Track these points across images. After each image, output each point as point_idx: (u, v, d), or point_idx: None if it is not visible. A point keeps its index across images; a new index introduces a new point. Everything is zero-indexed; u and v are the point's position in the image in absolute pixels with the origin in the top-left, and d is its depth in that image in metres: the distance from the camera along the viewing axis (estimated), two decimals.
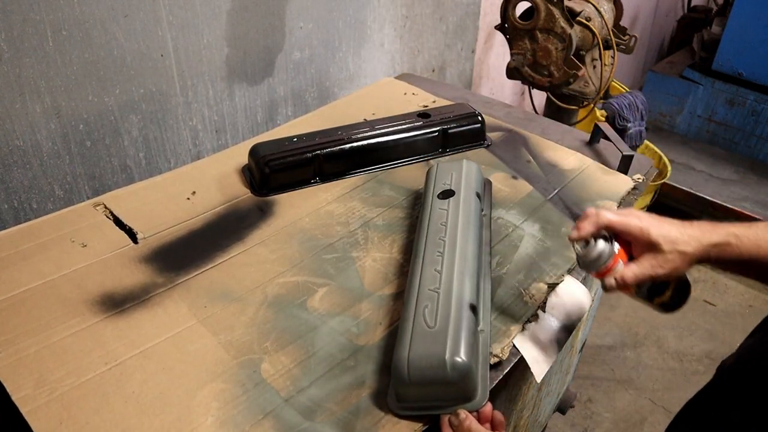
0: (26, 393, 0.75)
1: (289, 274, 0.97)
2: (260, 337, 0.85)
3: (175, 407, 0.75)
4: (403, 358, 0.74)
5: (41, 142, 1.14)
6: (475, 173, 1.09)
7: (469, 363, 0.73)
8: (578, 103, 1.94)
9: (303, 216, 1.10)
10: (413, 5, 1.87)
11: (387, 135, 1.23)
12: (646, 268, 0.80)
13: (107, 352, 0.81)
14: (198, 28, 1.30)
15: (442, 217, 0.97)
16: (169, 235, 1.03)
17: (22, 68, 1.06)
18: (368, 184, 1.20)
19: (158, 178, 1.18)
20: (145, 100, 1.27)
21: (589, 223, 0.83)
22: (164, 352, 0.82)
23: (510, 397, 1.07)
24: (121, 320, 0.86)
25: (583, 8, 1.74)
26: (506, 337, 0.87)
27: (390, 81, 1.61)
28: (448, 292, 0.81)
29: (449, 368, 0.72)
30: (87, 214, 1.06)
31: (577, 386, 2.08)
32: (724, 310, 2.46)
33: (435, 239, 0.92)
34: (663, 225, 0.81)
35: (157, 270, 0.96)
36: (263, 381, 0.79)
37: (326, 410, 0.76)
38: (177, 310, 0.89)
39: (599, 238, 0.83)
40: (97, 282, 0.92)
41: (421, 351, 0.74)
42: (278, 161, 1.14)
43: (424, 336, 0.75)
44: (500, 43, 2.37)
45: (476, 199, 1.03)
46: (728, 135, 3.12)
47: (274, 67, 1.52)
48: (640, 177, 1.26)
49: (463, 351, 0.73)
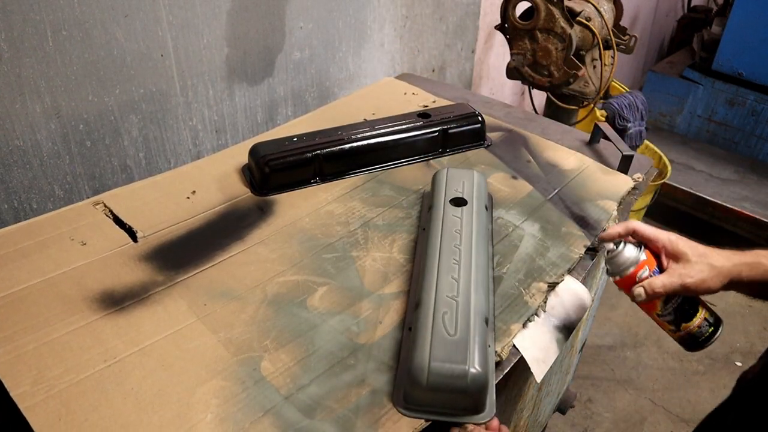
0: (25, 389, 0.75)
1: (289, 273, 0.97)
2: (260, 335, 0.85)
3: (175, 404, 0.75)
4: (423, 363, 0.74)
5: (41, 142, 1.14)
6: (484, 186, 1.10)
7: (486, 376, 0.74)
8: (578, 103, 1.94)
9: (303, 216, 1.10)
10: (413, 5, 1.87)
11: (387, 135, 1.23)
12: (674, 277, 0.79)
13: (106, 349, 0.81)
14: (198, 28, 1.30)
15: (456, 225, 0.97)
16: (169, 233, 1.03)
17: (22, 68, 1.06)
18: (368, 184, 1.20)
19: (158, 177, 1.18)
20: (145, 100, 1.27)
21: (620, 226, 0.85)
22: (164, 349, 0.82)
23: (510, 397, 1.07)
24: (121, 318, 0.86)
25: (583, 8, 1.74)
26: (507, 336, 0.87)
27: (390, 81, 1.61)
28: (466, 302, 0.82)
29: (469, 379, 0.73)
30: (87, 213, 1.06)
31: (577, 386, 2.08)
32: (724, 310, 2.46)
33: (450, 246, 0.92)
34: (692, 241, 0.82)
35: (157, 268, 0.95)
36: (263, 379, 0.79)
37: (326, 408, 0.76)
38: (177, 308, 0.89)
39: (628, 243, 0.83)
40: (96, 280, 0.92)
41: (442, 358, 0.74)
42: (278, 161, 1.14)
43: (445, 343, 0.76)
44: (500, 43, 2.37)
45: (486, 212, 1.04)
46: (728, 135, 3.12)
47: (274, 67, 1.52)
48: (640, 177, 1.26)
49: (482, 363, 0.74)
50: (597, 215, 1.14)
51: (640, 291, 0.81)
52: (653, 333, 2.35)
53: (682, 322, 0.83)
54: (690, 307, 0.82)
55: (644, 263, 0.81)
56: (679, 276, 0.79)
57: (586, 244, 1.06)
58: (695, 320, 0.82)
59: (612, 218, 1.13)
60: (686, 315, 0.82)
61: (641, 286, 0.81)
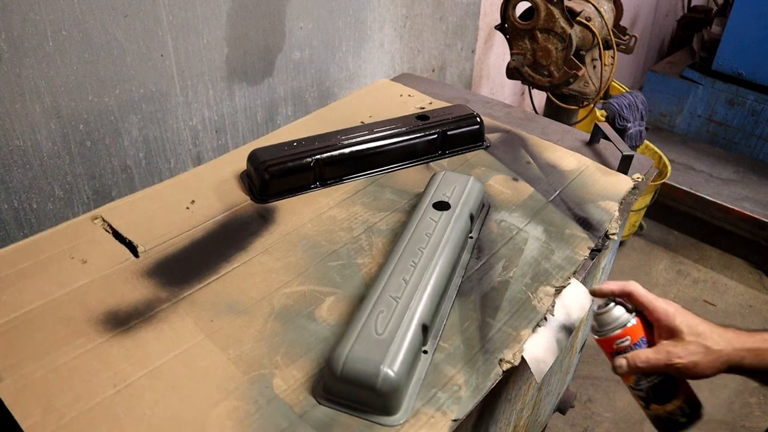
0: (35, 420, 0.72)
1: (294, 284, 0.95)
2: (270, 351, 0.84)
3: (189, 428, 0.73)
4: (341, 354, 0.76)
5: (41, 142, 1.14)
6: (477, 193, 1.08)
7: (399, 379, 0.74)
8: (578, 103, 1.94)
9: (305, 222, 1.08)
10: (413, 5, 1.87)
11: (387, 138, 1.22)
12: (661, 354, 0.72)
13: (115, 373, 0.79)
14: (198, 28, 1.30)
15: (429, 228, 0.97)
16: (170, 246, 1.01)
17: (22, 68, 1.06)
18: (369, 188, 1.19)
19: (156, 187, 1.16)
20: (145, 100, 1.27)
21: (616, 285, 0.79)
22: (173, 370, 0.80)
23: (510, 397, 1.07)
24: (127, 339, 0.84)
25: (583, 8, 1.74)
26: (517, 342, 0.87)
27: (385, 83, 1.61)
28: (406, 304, 0.82)
29: (380, 378, 0.73)
30: (85, 229, 1.03)
31: (577, 386, 2.08)
32: (724, 310, 2.46)
33: (414, 248, 0.92)
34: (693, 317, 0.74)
35: (160, 284, 0.93)
36: (276, 397, 0.78)
37: (342, 425, 0.75)
38: (183, 326, 0.86)
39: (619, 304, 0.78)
40: (99, 299, 0.90)
41: (360, 353, 0.75)
42: (278, 166, 1.12)
43: (368, 340, 0.77)
44: (500, 43, 2.37)
45: (468, 219, 1.02)
46: (728, 135, 3.12)
47: (274, 67, 1.52)
48: (640, 177, 1.26)
49: (398, 366, 0.75)
50: (599, 216, 1.14)
51: (622, 363, 0.75)
52: None
53: (652, 403, 0.76)
54: (668, 389, 0.75)
55: (629, 331, 0.76)
56: (667, 354, 0.72)
57: (590, 246, 1.06)
58: (668, 406, 0.75)
59: (614, 219, 1.13)
60: (660, 396, 0.75)
61: (624, 358, 0.75)
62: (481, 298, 0.95)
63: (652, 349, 0.74)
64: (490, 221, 1.11)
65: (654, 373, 0.75)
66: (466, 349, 0.86)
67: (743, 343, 0.70)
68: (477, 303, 0.94)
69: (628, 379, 0.77)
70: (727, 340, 0.71)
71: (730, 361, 0.70)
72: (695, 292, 2.54)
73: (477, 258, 1.02)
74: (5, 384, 0.77)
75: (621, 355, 0.77)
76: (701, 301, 2.49)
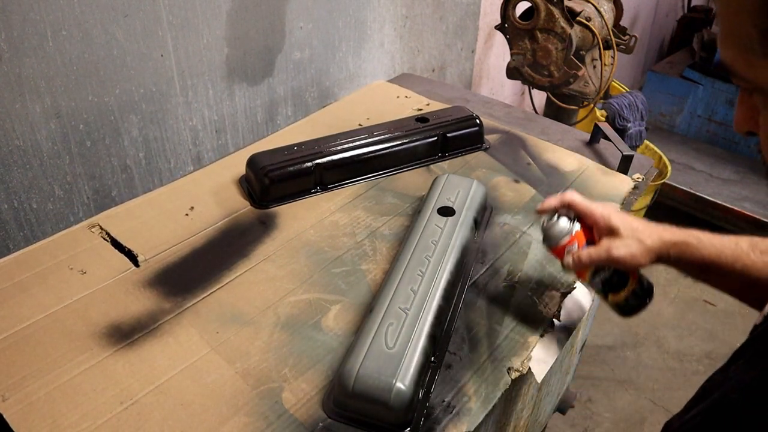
0: None
1: (299, 292, 0.93)
2: (278, 364, 0.82)
3: None
4: (352, 370, 0.75)
5: (41, 142, 1.14)
6: (480, 197, 1.08)
7: (411, 394, 0.74)
8: (578, 103, 1.94)
9: (307, 228, 1.07)
10: (413, 5, 1.87)
11: (387, 141, 1.22)
12: (601, 249, 0.81)
13: (121, 389, 0.77)
14: (198, 28, 1.30)
15: (435, 235, 0.96)
16: (171, 255, 0.98)
17: (22, 68, 1.05)
18: (370, 192, 1.18)
19: (153, 193, 1.14)
20: (145, 100, 1.27)
21: (555, 199, 0.87)
22: (181, 385, 0.78)
23: (510, 397, 1.07)
24: (132, 353, 0.82)
25: (583, 8, 1.74)
26: (525, 349, 0.86)
27: (382, 84, 1.60)
28: (416, 316, 0.82)
29: (393, 393, 0.73)
30: (83, 238, 1.01)
31: (577, 386, 2.08)
32: (724, 310, 2.46)
33: (421, 256, 0.91)
34: (626, 216, 0.83)
35: (163, 294, 0.91)
36: (286, 412, 0.76)
37: None
38: (188, 338, 0.84)
39: (563, 216, 0.86)
40: (101, 312, 0.87)
41: (371, 368, 0.75)
42: (278, 171, 1.10)
43: (379, 354, 0.76)
44: (500, 43, 2.37)
45: (473, 224, 1.02)
46: (728, 135, 3.12)
47: (274, 67, 1.52)
48: (640, 177, 1.26)
49: (410, 380, 0.74)
50: None
51: (569, 260, 0.84)
52: (653, 333, 2.35)
53: (609, 293, 0.86)
54: (619, 280, 0.84)
55: (575, 237, 0.84)
56: (606, 249, 0.80)
57: None
58: (622, 293, 0.84)
59: None
60: (613, 287, 0.84)
61: (570, 255, 0.84)
62: (488, 304, 0.94)
63: (593, 247, 0.83)
64: (493, 224, 1.10)
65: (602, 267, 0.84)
66: (474, 357, 0.85)
67: (670, 236, 0.79)
68: (483, 309, 0.93)
69: (584, 277, 0.86)
70: (658, 234, 0.79)
71: (659, 252, 0.79)
72: (695, 292, 2.54)
73: (481, 263, 1.02)
74: (9, 404, 0.75)
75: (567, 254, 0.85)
76: (701, 301, 2.49)
